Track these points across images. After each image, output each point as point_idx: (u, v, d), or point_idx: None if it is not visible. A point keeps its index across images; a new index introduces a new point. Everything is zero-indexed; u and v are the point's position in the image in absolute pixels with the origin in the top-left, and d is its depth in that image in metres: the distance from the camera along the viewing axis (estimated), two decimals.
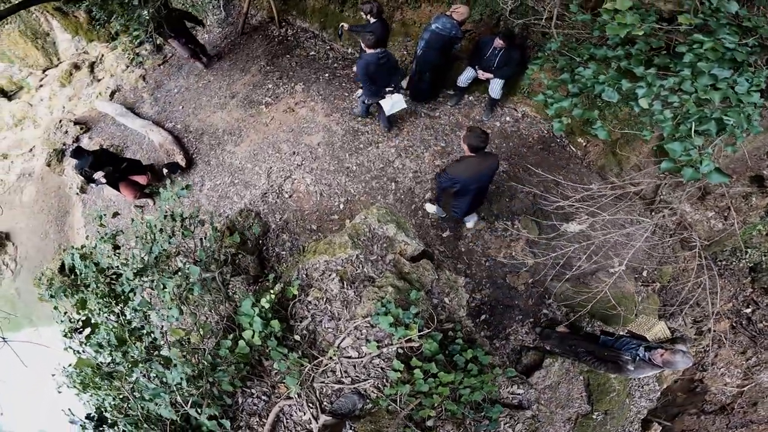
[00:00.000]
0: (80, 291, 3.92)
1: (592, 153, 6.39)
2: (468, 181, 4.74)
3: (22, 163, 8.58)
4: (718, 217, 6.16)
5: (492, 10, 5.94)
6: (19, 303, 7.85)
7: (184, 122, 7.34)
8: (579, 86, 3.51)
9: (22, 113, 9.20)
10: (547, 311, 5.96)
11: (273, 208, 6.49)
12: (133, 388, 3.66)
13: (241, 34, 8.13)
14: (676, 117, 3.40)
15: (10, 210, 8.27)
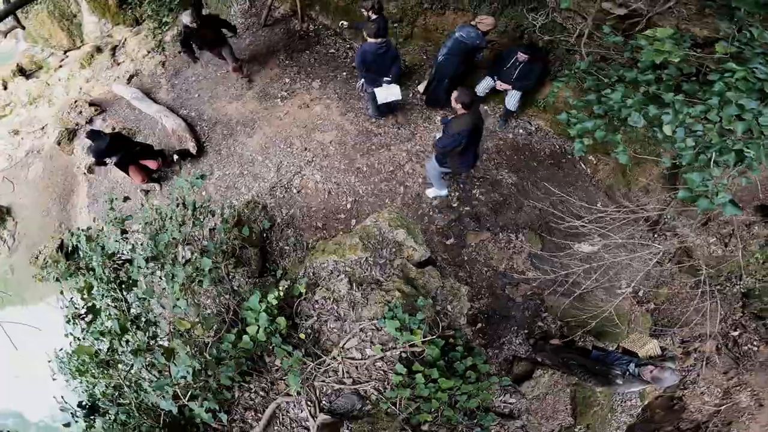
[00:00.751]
0: (83, 274, 3.81)
1: (601, 172, 6.36)
2: (471, 134, 4.95)
3: (32, 140, 8.44)
4: (719, 244, 6.18)
5: (517, 23, 5.91)
6: (12, 281, 7.67)
7: (199, 110, 7.24)
8: (605, 108, 3.45)
9: (39, 92, 9.10)
10: (542, 324, 5.93)
11: (280, 202, 6.41)
12: (129, 377, 3.57)
13: (264, 26, 8.02)
14: (698, 146, 3.36)
15: (15, 184, 8.13)
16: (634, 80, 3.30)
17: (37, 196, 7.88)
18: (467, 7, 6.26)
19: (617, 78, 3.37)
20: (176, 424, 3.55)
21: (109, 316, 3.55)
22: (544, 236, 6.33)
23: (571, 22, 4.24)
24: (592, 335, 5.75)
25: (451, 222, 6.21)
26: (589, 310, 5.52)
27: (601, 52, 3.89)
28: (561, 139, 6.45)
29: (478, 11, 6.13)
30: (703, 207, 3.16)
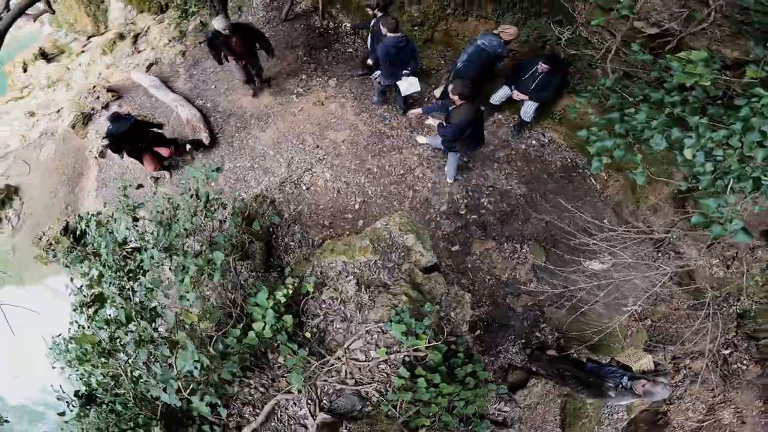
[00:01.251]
0: (90, 260, 3.76)
1: (611, 188, 6.30)
2: (472, 123, 5.16)
3: (47, 122, 8.41)
4: (721, 266, 6.16)
5: (540, 34, 5.85)
6: (13, 261, 7.59)
7: (214, 102, 7.19)
8: (627, 128, 3.39)
9: (58, 75, 9.11)
10: (540, 334, 5.91)
11: (289, 198, 6.37)
12: (128, 368, 3.51)
13: (284, 21, 7.95)
14: (716, 171, 3.31)
15: (25, 165, 8.08)
16: (659, 101, 3.24)
17: (46, 177, 7.82)
18: (490, 16, 6.20)
19: (642, 97, 3.31)
20: (172, 416, 3.52)
21: (115, 305, 3.51)
22: (548, 249, 6.28)
23: (598, 36, 4.17)
24: (587, 348, 5.70)
25: (458, 229, 6.17)
26: (589, 324, 5.52)
27: (626, 69, 3.82)
28: (573, 152, 6.40)
29: (501, 20, 6.07)
30: (716, 233, 3.09)
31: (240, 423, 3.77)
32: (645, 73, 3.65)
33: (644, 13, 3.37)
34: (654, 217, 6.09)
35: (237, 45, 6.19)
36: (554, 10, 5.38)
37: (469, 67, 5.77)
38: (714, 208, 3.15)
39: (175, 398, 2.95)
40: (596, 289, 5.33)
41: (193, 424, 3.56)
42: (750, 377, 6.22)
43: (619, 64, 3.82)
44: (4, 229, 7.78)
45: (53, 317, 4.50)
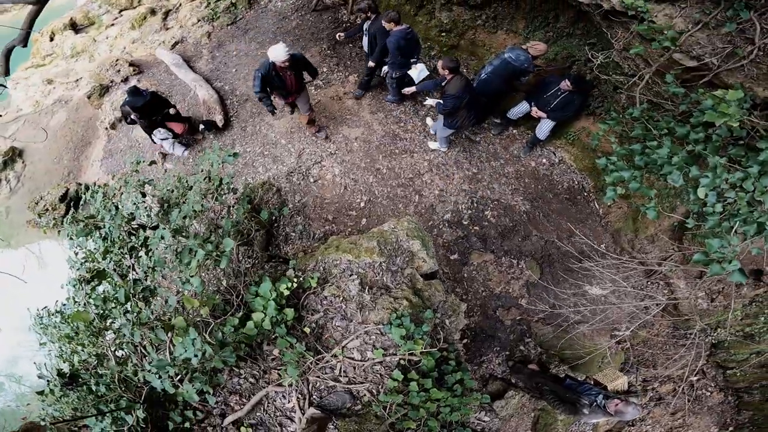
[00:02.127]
0: (91, 232, 3.64)
1: (613, 215, 6.27)
2: (468, 90, 5.39)
3: (63, 90, 8.34)
4: (706, 298, 6.21)
5: (569, 54, 5.77)
6: (4, 222, 7.48)
7: (233, 85, 7.07)
8: (646, 160, 3.35)
9: (83, 47, 8.99)
10: (524, 348, 5.93)
11: (295, 188, 6.28)
12: (117, 349, 3.41)
13: (313, 11, 7.82)
14: (724, 212, 3.29)
15: (33, 129, 7.95)
16: (683, 136, 3.21)
17: (53, 143, 7.71)
18: (521, 31, 6.13)
19: (667, 131, 3.27)
20: (156, 400, 3.44)
21: (113, 283, 3.40)
22: (544, 267, 6.28)
23: (630, 63, 4.10)
24: (567, 365, 5.84)
25: (459, 238, 6.12)
26: (573, 343, 5.74)
27: (653, 99, 3.76)
28: (582, 175, 6.34)
29: (532, 37, 6.01)
30: (714, 272, 3.10)
31: (224, 411, 3.71)
32: (673, 106, 3.59)
33: (686, 46, 3.31)
34: (650, 247, 6.09)
35: (291, 79, 5.48)
36: (588, 32, 5.35)
37: (492, 79, 5.72)
38: (717, 248, 3.15)
39: (168, 384, 2.85)
40: (585, 310, 5.42)
41: (175, 409, 3.51)
42: (711, 403, 6.31)
43: (646, 92, 3.76)
44: (2, 190, 7.64)
45: (37, 286, 4.35)
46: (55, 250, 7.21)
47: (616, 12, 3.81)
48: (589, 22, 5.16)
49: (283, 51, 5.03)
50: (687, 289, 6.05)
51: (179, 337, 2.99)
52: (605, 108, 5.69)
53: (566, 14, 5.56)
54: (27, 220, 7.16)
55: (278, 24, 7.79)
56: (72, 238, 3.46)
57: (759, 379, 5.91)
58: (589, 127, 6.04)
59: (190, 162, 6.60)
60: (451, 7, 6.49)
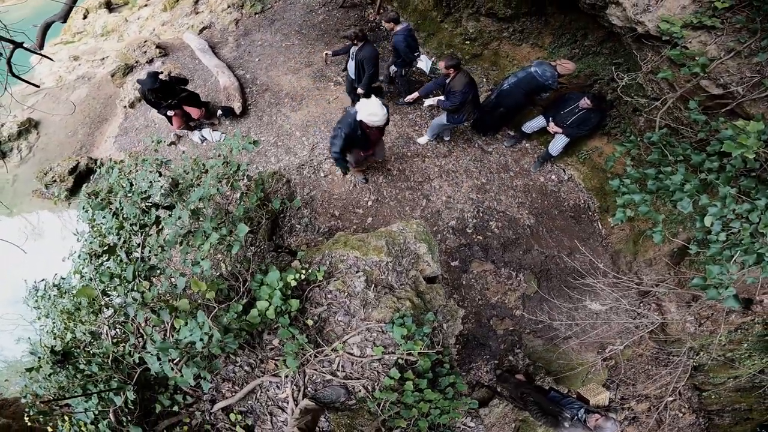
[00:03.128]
0: (106, 206, 3.58)
1: (614, 236, 6.26)
2: (470, 90, 5.45)
3: (88, 68, 8.33)
4: (695, 322, 6.25)
5: (593, 72, 5.71)
6: (9, 190, 7.39)
7: (254, 74, 7.03)
8: (658, 185, 3.34)
9: (114, 26, 9.00)
10: (512, 358, 5.93)
11: (305, 181, 6.25)
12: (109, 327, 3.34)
13: (340, 7, 7.78)
14: (727, 241, 3.31)
15: (53, 103, 7.91)
16: (698, 164, 3.20)
17: (69, 117, 7.66)
18: (546, 46, 6.09)
19: (682, 158, 3.26)
20: (146, 382, 3.39)
21: (119, 260, 3.33)
22: (541, 281, 6.27)
23: (654, 86, 4.07)
24: (552, 377, 5.88)
25: (461, 246, 6.09)
26: (560, 357, 5.88)
27: (671, 123, 3.75)
28: (589, 194, 6.32)
29: (557, 52, 5.96)
30: (711, 296, 3.17)
31: (215, 397, 3.67)
32: (691, 133, 3.58)
33: (715, 73, 3.30)
34: (647, 270, 6.11)
35: (375, 134, 5.05)
36: (615, 52, 5.29)
37: (514, 91, 5.66)
38: (716, 275, 3.19)
39: (168, 368, 2.77)
40: (576, 325, 5.43)
41: (164, 392, 3.45)
42: (682, 425, 6.31)
43: (666, 117, 3.74)
44: (12, 158, 7.59)
45: (32, 257, 4.25)
46: (52, 221, 7.15)
47: (649, 36, 3.79)
48: (617, 43, 5.11)
49: (382, 114, 4.52)
50: (677, 313, 6.10)
51: (181, 319, 2.95)
52: (621, 129, 5.66)
53: (595, 33, 5.53)
54: (33, 189, 7.11)
55: (305, 17, 7.76)
56: (88, 210, 3.39)
57: (732, 403, 5.96)
58: (602, 147, 6.01)
59: (202, 146, 6.57)
60: (478, 17, 6.45)
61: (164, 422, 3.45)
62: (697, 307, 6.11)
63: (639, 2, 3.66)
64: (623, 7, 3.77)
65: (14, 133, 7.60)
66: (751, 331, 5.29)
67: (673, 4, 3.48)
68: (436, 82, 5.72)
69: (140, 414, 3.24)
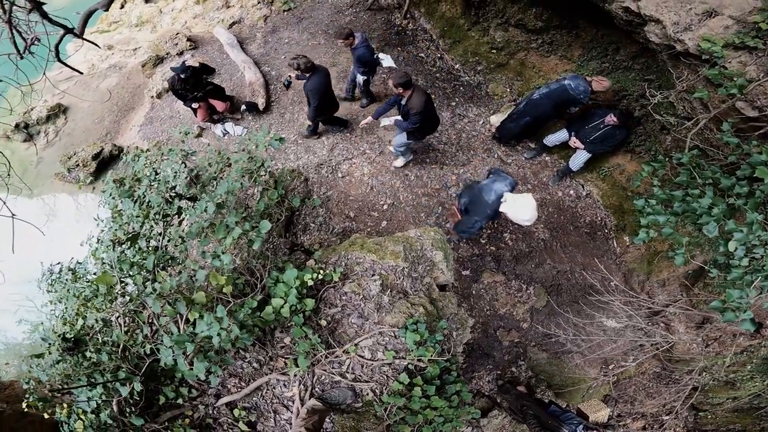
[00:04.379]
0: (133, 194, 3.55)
1: (629, 255, 6.13)
2: (429, 108, 5.14)
3: (120, 57, 8.42)
4: (701, 343, 6.14)
5: (622, 88, 5.52)
6: (32, 171, 7.44)
7: (279, 71, 7.03)
8: (684, 208, 3.24)
9: (149, 17, 9.05)
10: (515, 370, 5.87)
11: (322, 180, 6.22)
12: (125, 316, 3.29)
13: (367, 10, 7.74)
14: (750, 267, 3.22)
15: (83, 89, 7.99)
16: (727, 188, 3.09)
17: (97, 105, 7.76)
18: (575, 59, 5.91)
19: (711, 181, 3.15)
20: (152, 374, 3.34)
21: (140, 251, 3.29)
22: (551, 295, 6.17)
23: (686, 105, 3.95)
24: (553, 391, 5.83)
25: (474, 255, 6.02)
26: (564, 371, 5.81)
27: (700, 144, 3.63)
28: (606, 212, 6.18)
29: (585, 65, 5.80)
30: (727, 319, 3.12)
31: (220, 392, 3.63)
32: (721, 155, 3.47)
33: (752, 95, 3.19)
34: (659, 291, 6.00)
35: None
36: (648, 68, 5.15)
37: (544, 102, 5.52)
38: (735, 299, 3.14)
39: (182, 361, 2.72)
40: (583, 341, 5.38)
41: (170, 384, 3.41)
42: None
43: (696, 137, 3.63)
44: (39, 141, 7.68)
45: (50, 239, 4.16)
46: (69, 205, 7.19)
47: (687, 54, 3.68)
48: (651, 59, 4.95)
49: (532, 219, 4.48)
50: (685, 333, 5.99)
51: (195, 312, 2.90)
52: (646, 147, 5.50)
53: (628, 48, 5.33)
54: (55, 173, 7.17)
55: (332, 17, 7.75)
56: (114, 197, 3.37)
57: (727, 423, 5.81)
58: (625, 165, 5.86)
59: (224, 140, 6.57)
60: (507, 27, 6.32)
61: (166, 414, 3.42)
62: (708, 329, 6.01)
63: (680, 21, 3.56)
64: (663, 24, 3.67)
65: (43, 117, 7.68)
66: (757, 354, 5.23)
67: (716, 24, 3.38)
68: (389, 102, 5.44)
69: (143, 405, 3.20)
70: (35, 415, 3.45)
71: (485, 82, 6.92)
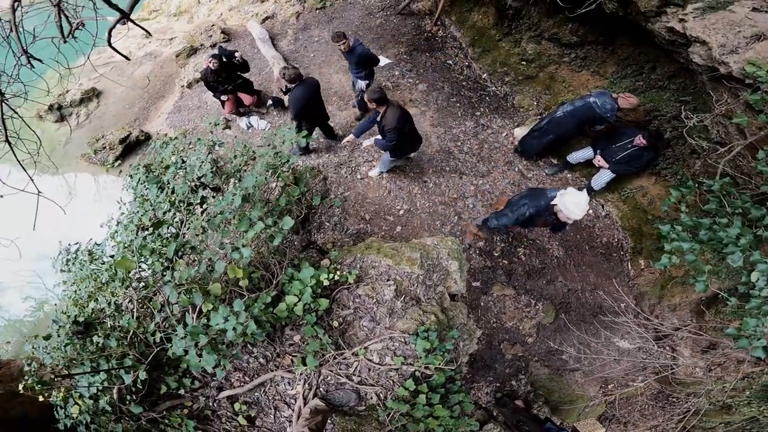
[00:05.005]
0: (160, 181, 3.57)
1: (643, 278, 6.00)
2: (404, 124, 4.93)
3: (156, 46, 8.56)
4: (704, 368, 6.02)
5: (654, 107, 5.30)
6: (59, 150, 7.57)
7: (307, 69, 7.04)
8: (711, 236, 3.15)
9: (187, 7, 9.21)
10: (515, 383, 5.81)
11: (341, 180, 6.21)
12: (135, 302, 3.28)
13: (398, 14, 7.71)
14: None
15: (118, 76, 8.14)
16: (756, 219, 3.01)
17: (130, 91, 7.90)
18: (608, 75, 5.73)
19: (741, 210, 3.06)
20: (158, 363, 3.32)
21: (161, 238, 3.28)
22: (559, 313, 6.08)
23: (721, 129, 3.83)
24: (550, 407, 5.78)
25: (486, 267, 5.94)
26: (563, 388, 5.75)
27: (730, 171, 3.52)
28: (624, 233, 6.05)
29: (619, 83, 5.59)
30: (741, 345, 3.19)
31: (222, 385, 3.62)
32: (753, 184, 3.36)
33: None
34: (669, 315, 5.89)
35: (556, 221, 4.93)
36: (684, 89, 4.94)
37: (567, 120, 5.36)
38: (752, 327, 3.18)
39: (193, 353, 2.69)
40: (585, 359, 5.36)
41: (173, 374, 3.40)
42: None
43: (728, 164, 3.51)
44: (70, 122, 7.81)
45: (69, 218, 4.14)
46: (89, 185, 7.29)
47: (730, 77, 3.56)
48: (689, 80, 4.77)
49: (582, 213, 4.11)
50: (690, 357, 5.89)
51: (209, 303, 2.88)
52: (673, 170, 5.32)
53: (665, 68, 5.11)
54: (81, 153, 7.30)
55: (363, 19, 7.74)
56: (143, 182, 3.38)
57: None
58: (648, 187, 5.69)
59: (248, 133, 6.60)
60: (540, 40, 6.20)
61: (166, 403, 3.42)
62: (714, 354, 5.92)
63: (727, 43, 3.45)
64: (709, 46, 3.56)
65: (77, 100, 7.87)
66: (758, 381, 5.18)
67: (763, 47, 3.27)
68: (370, 119, 5.30)
69: (144, 393, 3.18)
70: (27, 397, 3.37)
71: (512, 93, 6.82)
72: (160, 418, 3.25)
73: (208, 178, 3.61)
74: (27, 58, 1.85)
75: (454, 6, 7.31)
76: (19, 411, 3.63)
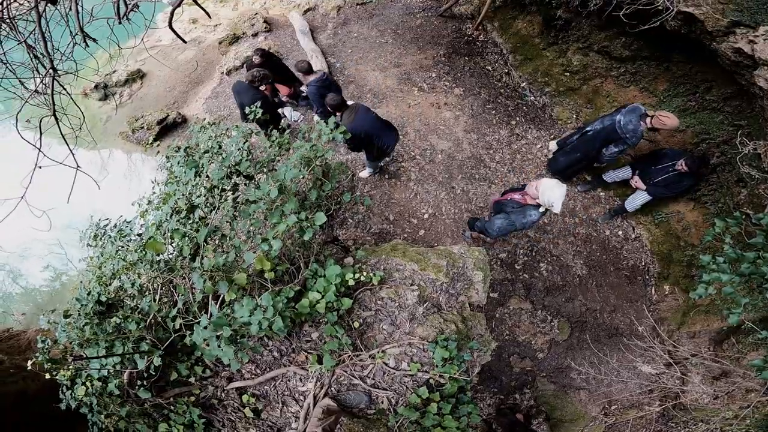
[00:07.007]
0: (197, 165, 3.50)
1: (665, 304, 5.73)
2: (364, 126, 4.72)
3: (201, 32, 8.64)
4: (711, 395, 5.78)
5: (704, 129, 4.92)
6: (100, 127, 7.71)
7: (344, 64, 6.94)
8: (753, 270, 2.96)
9: None
10: (519, 397, 5.67)
11: (368, 178, 6.09)
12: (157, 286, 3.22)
13: (439, 16, 7.53)
14: None
15: (163, 59, 8.24)
16: None
17: (173, 74, 7.99)
18: (659, 93, 5.35)
19: None
20: (172, 349, 3.27)
21: (193, 222, 3.21)
22: (573, 331, 5.89)
23: None
24: (550, 425, 5.62)
25: (505, 279, 5.78)
26: (566, 405, 5.63)
27: None
28: (652, 258, 5.79)
29: (669, 101, 5.21)
30: (763, 377, 3.11)
31: (233, 376, 3.57)
32: None
33: None
34: (686, 341, 5.66)
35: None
36: (741, 112, 4.57)
37: (594, 139, 5.05)
38: None
39: (215, 344, 2.61)
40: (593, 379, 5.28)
41: (186, 361, 3.35)
42: None
43: None
44: (112, 100, 8.00)
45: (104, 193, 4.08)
46: (122, 161, 7.38)
47: None
48: (746, 103, 4.47)
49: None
50: (699, 384, 5.69)
51: (233, 293, 2.80)
52: (714, 198, 4.98)
53: (722, 88, 4.72)
54: (120, 131, 7.41)
55: (403, 18, 7.60)
56: (182, 165, 3.32)
57: None
58: (685, 213, 5.41)
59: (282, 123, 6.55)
60: (587, 52, 5.88)
61: (174, 390, 3.37)
62: (724, 383, 5.72)
63: None
64: None
65: (122, 80, 8.04)
66: (761, 410, 4.93)
67: None
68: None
69: (155, 379, 3.14)
70: (32, 373, 3.29)
71: (551, 104, 6.55)
72: (166, 405, 3.21)
73: (243, 166, 3.53)
74: (83, 36, 1.78)
75: (497, 12, 7.07)
76: (20, 386, 3.58)
